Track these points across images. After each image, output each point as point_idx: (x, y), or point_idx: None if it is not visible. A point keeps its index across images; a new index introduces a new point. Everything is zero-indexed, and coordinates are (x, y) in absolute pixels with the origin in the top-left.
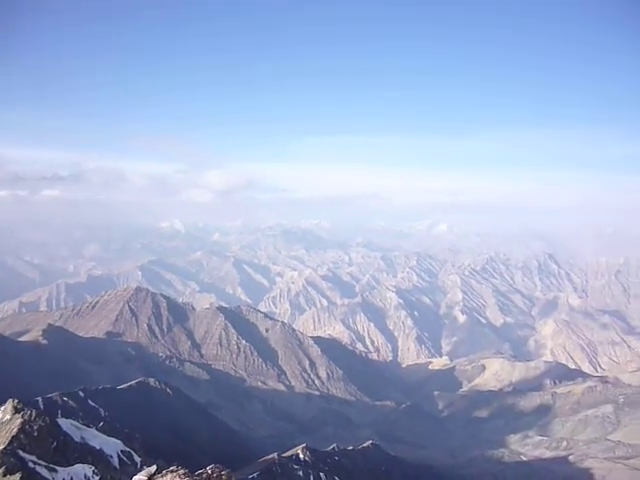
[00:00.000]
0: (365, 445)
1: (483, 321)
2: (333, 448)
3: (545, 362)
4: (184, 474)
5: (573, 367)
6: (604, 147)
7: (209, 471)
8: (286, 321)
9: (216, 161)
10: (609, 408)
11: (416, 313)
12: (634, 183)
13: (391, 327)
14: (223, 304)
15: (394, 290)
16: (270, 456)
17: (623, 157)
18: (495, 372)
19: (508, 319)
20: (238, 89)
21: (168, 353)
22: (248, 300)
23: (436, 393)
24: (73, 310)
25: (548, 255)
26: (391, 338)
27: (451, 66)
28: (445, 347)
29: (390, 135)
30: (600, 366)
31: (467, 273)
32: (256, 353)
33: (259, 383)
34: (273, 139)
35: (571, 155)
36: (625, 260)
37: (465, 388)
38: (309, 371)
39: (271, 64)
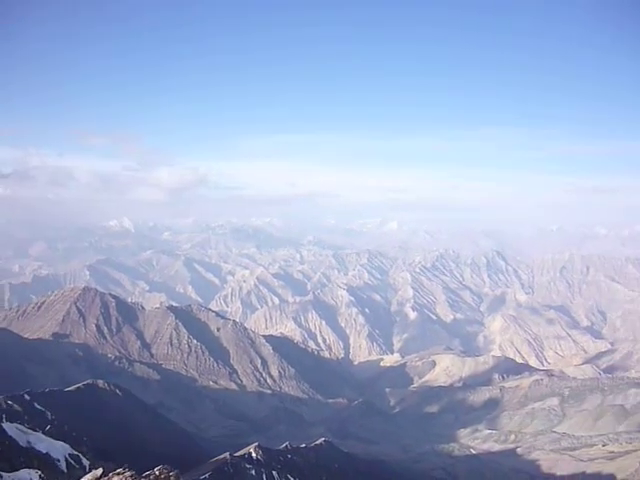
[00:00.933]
0: (318, 443)
1: (433, 317)
2: (286, 446)
3: (494, 357)
4: (131, 476)
5: (520, 361)
6: (542, 147)
7: (157, 472)
8: (238, 320)
9: (166, 158)
10: (555, 401)
11: (367, 310)
12: (575, 182)
13: (343, 324)
14: (174, 303)
15: (345, 288)
16: (222, 456)
17: (563, 157)
18: (445, 368)
19: (458, 315)
20: (187, 85)
21: (117, 354)
22: (199, 299)
23: (388, 390)
24: (18, 311)
25: (496, 252)
26: (343, 335)
27: (394, 65)
28: (396, 344)
29: (341, 133)
30: (546, 360)
31: (418, 270)
32: (207, 352)
33: (211, 383)
34: (225, 136)
35: (516, 154)
36: (570, 256)
37: (416, 384)
38: (261, 370)
39: (221, 60)
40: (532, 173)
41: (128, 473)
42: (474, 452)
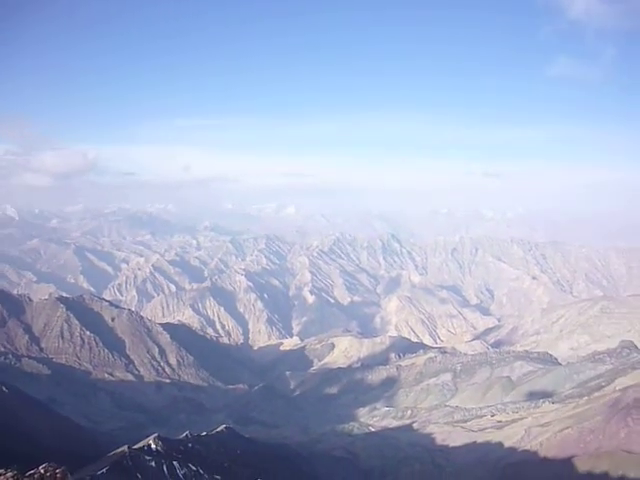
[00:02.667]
0: (219, 430)
1: (331, 301)
2: (186, 435)
3: (390, 337)
4: (13, 476)
5: (415, 340)
6: (440, 132)
7: (42, 470)
8: (133, 309)
9: (52, 142)
10: (448, 376)
11: (266, 295)
12: (466, 166)
13: (241, 310)
14: (64, 294)
15: (243, 273)
16: (120, 449)
17: (456, 142)
18: (344, 349)
19: (355, 298)
20: (73, 65)
21: (2, 349)
22: (91, 289)
23: (288, 373)
24: None
25: (391, 235)
26: (242, 321)
27: (294, 51)
28: (295, 328)
29: (236, 117)
30: (439, 338)
31: (315, 254)
32: (102, 344)
33: (106, 375)
34: (116, 120)
35: (410, 139)
36: (460, 238)
37: (316, 367)
38: (159, 359)
39: (112, 41)
40: (431, 158)
41: (10, 473)
42: (373, 429)
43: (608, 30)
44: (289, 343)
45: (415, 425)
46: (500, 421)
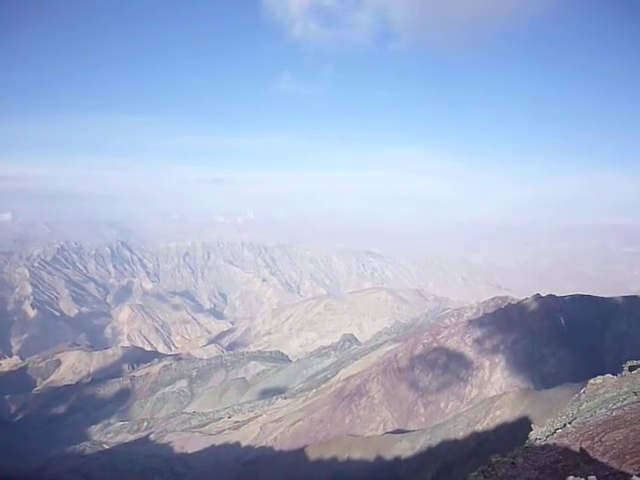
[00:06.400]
0: None
1: (57, 314)
2: None
3: (122, 348)
4: None
5: (150, 349)
6: (170, 138)
7: None
8: None
9: None
10: (184, 383)
11: None
12: (198, 173)
13: None
14: None
15: None
16: None
17: (186, 148)
18: (72, 365)
19: (83, 309)
20: None
21: None
22: None
23: (7, 396)
24: None
25: (121, 242)
26: None
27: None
28: (15, 346)
29: None
30: (174, 345)
31: (37, 265)
32: None
33: None
34: None
35: (138, 144)
36: (192, 244)
37: (40, 386)
38: None
39: None
40: (167, 163)
41: None
42: (107, 447)
43: (326, 51)
44: (8, 363)
45: (152, 436)
46: (237, 421)
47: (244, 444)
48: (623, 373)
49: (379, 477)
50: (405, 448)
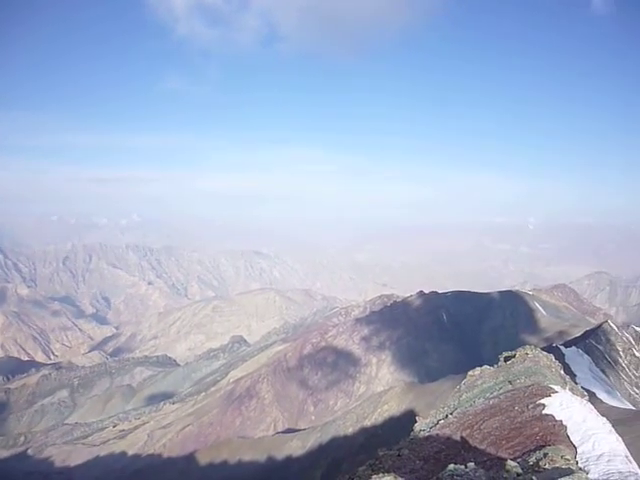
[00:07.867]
0: None
1: None
2: None
3: None
4: None
5: (27, 359)
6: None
7: None
8: None
9: None
10: (65, 393)
11: None
12: (75, 171)
13: None
14: None
15: None
16: None
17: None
18: None
19: None
20: None
21: None
22: None
23: None
24: None
25: None
26: None
27: None
28: None
29: None
30: (54, 353)
31: None
32: None
33: None
34: None
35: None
36: (72, 246)
37: None
38: None
39: None
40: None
41: None
42: None
43: (212, 51)
44: None
45: (30, 451)
46: (123, 430)
47: (131, 453)
48: (499, 364)
49: (270, 477)
50: (296, 447)
